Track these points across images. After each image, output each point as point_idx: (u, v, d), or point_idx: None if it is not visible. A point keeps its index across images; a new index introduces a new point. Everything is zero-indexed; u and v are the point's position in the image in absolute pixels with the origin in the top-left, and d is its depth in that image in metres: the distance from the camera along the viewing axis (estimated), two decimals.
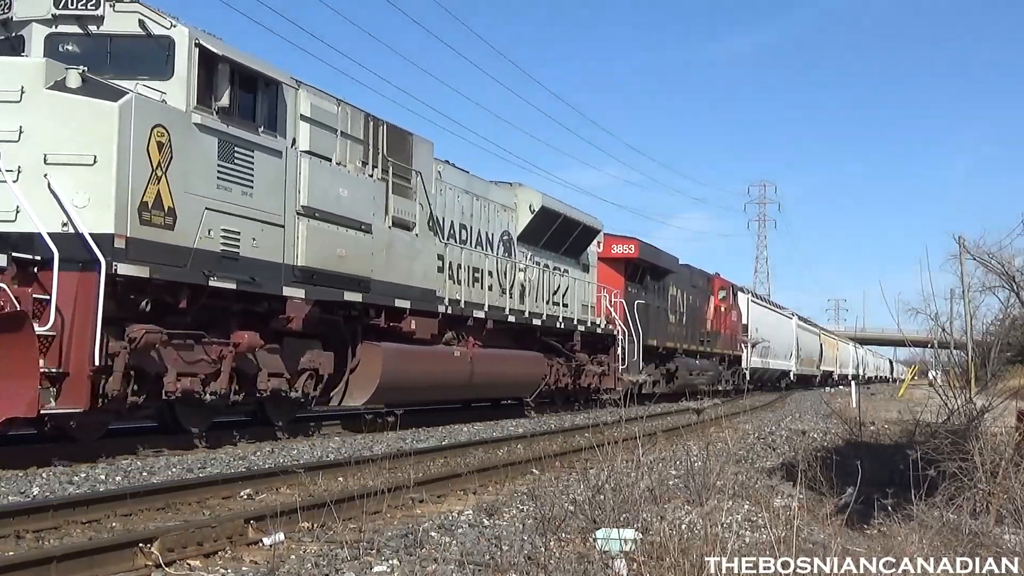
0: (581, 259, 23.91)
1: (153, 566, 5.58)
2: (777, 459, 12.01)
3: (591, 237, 24.06)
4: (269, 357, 12.92)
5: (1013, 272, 39.03)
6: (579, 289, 23.40)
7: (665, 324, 30.18)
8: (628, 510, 6.58)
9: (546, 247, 21.69)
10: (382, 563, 5.70)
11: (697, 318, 34.46)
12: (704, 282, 36.33)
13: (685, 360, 31.54)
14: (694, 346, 33.38)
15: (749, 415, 21.15)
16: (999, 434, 8.97)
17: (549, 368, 21.28)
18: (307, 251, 13.08)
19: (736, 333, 40.23)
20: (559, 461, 11.16)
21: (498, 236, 19.60)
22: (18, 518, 6.54)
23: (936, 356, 23.48)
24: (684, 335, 32.34)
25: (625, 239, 26.90)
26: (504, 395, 21.36)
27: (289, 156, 12.89)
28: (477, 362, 17.71)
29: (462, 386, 17.87)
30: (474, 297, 18.05)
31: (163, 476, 9.31)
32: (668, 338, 30.11)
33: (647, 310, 27.52)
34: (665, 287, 30.56)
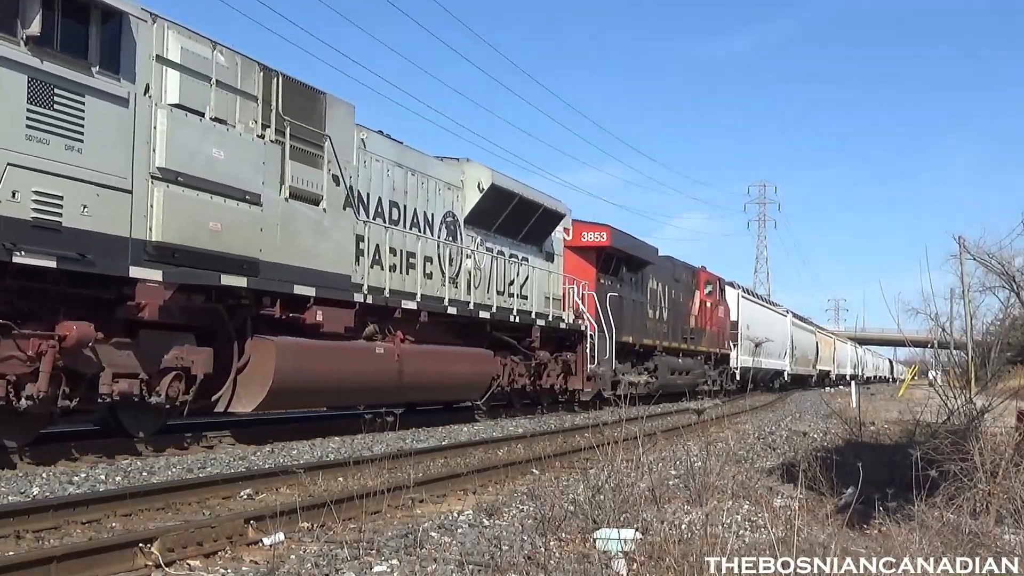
0: (544, 247, 21.65)
1: (153, 566, 5.58)
2: (777, 459, 12.01)
3: (554, 222, 21.71)
4: (116, 353, 10.54)
5: (1013, 272, 39.09)
6: (541, 280, 21.11)
7: (643, 320, 28.06)
8: (628, 510, 6.58)
9: (501, 232, 19.42)
10: (382, 563, 5.70)
11: (680, 314, 32.25)
12: (688, 276, 34.12)
13: (666, 359, 29.32)
14: (676, 343, 31.13)
15: (749, 415, 21.16)
16: (999, 434, 8.97)
17: (502, 367, 19.18)
18: (165, 223, 10.69)
19: (724, 330, 38.07)
20: (559, 461, 11.15)
21: (440, 217, 17.30)
22: (18, 518, 6.54)
23: (936, 356, 23.46)
24: (665, 332, 30.11)
25: (596, 226, 24.48)
26: (445, 398, 18.75)
27: (140, 106, 10.55)
28: (407, 360, 15.41)
29: (388, 388, 15.42)
30: (406, 285, 15.87)
31: (163, 476, 9.31)
32: (647, 335, 28.02)
33: (622, 304, 25.50)
34: (644, 280, 28.37)
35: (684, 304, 32.87)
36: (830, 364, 69.02)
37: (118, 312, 10.68)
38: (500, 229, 19.38)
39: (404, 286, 15.82)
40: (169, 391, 11.27)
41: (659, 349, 28.82)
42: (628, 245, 26.26)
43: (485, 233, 18.86)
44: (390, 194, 15.83)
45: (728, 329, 38.58)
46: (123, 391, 10.54)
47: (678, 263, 33.21)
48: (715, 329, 36.43)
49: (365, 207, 15.07)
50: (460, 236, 18.02)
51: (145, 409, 11.20)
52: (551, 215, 21.28)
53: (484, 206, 18.50)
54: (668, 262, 31.72)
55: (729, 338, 38.54)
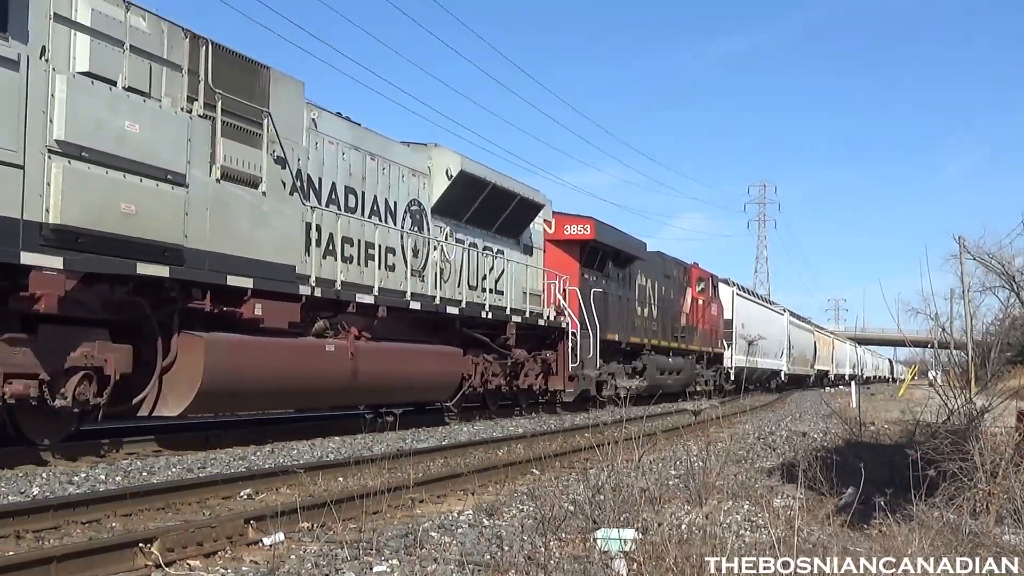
0: (522, 239, 20.52)
1: (153, 566, 5.58)
2: (777, 459, 12.01)
3: (532, 213, 20.54)
4: (9, 351, 9.41)
5: (1013, 272, 39.08)
6: (518, 274, 19.95)
7: (631, 317, 26.66)
8: (628, 510, 6.58)
9: (473, 223, 18.26)
10: (382, 563, 5.70)
11: (671, 311, 30.91)
12: (680, 272, 32.71)
13: (655, 358, 28.02)
14: (667, 342, 29.81)
15: (749, 415, 21.16)
16: (999, 434, 8.96)
17: (473, 367, 18.12)
18: (65, 204, 9.47)
19: (717, 329, 36.74)
20: (559, 461, 11.15)
21: (404, 206, 16.10)
22: (18, 518, 6.54)
23: (936, 356, 23.45)
24: (655, 330, 28.83)
25: (579, 218, 23.24)
26: (408, 399, 16.86)
27: (34, 70, 9.40)
28: (363, 359, 14.22)
29: (340, 389, 14.24)
30: (364, 278, 14.70)
31: (163, 476, 9.31)
32: (634, 332, 26.68)
33: (607, 300, 24.30)
34: (631, 276, 26.99)
35: (675, 301, 31.64)
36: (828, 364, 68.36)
37: (9, 304, 9.45)
38: (473, 220, 18.24)
39: (362, 279, 14.67)
40: (76, 393, 10.02)
41: (647, 348, 27.56)
42: (614, 239, 25.07)
43: (455, 224, 17.74)
44: (346, 179, 14.56)
45: (721, 327, 37.32)
46: (18, 393, 9.38)
47: (669, 259, 32.07)
48: (708, 327, 35.09)
49: (316, 192, 13.82)
50: (427, 226, 16.83)
51: (50, 414, 10.03)
52: (528, 205, 20.11)
53: (453, 194, 17.33)
54: (658, 258, 30.67)
55: (723, 337, 37.27)
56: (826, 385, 61.01)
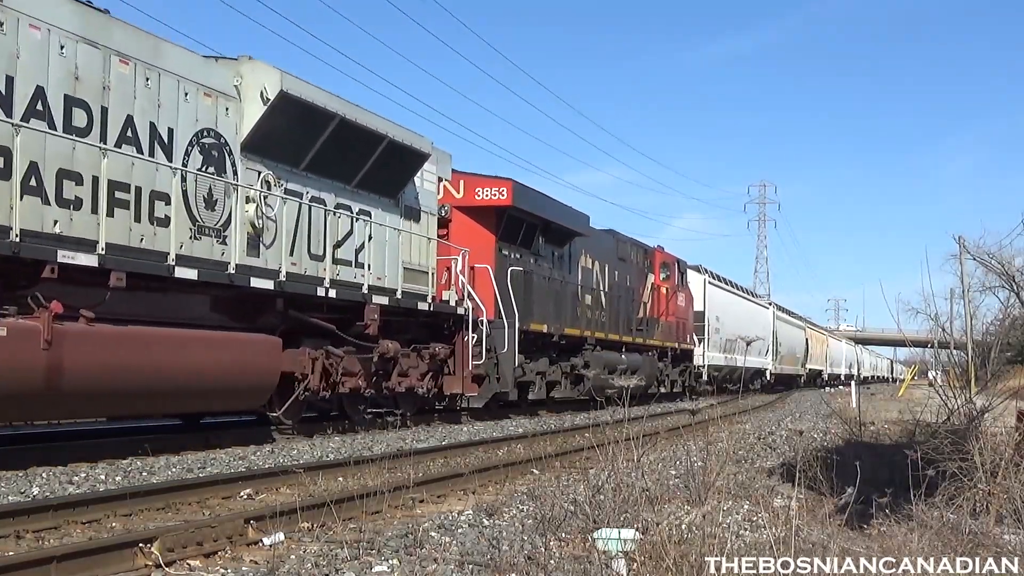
0: (403, 200, 16.04)
1: (153, 566, 5.58)
2: (777, 459, 12.01)
3: (412, 165, 15.92)
4: None
5: (1013, 272, 39.06)
6: (394, 244, 15.64)
7: (569, 305, 22.64)
8: (628, 510, 6.58)
9: (318, 171, 13.83)
10: (382, 563, 5.70)
11: (626, 300, 26.74)
12: (639, 255, 28.52)
13: (601, 355, 24.02)
14: (618, 335, 25.83)
15: (749, 415, 21.17)
16: (999, 434, 8.97)
17: (311, 362, 13.64)
18: None
19: (686, 322, 32.41)
20: (559, 461, 11.16)
21: (189, 135, 11.73)
22: (18, 518, 6.55)
23: (936, 356, 23.44)
24: (603, 321, 24.83)
25: (494, 180, 19.21)
26: (181, 408, 12.81)
27: None
28: (76, 349, 9.79)
29: (26, 395, 9.48)
30: (87, 230, 10.22)
31: (163, 476, 9.32)
32: (573, 323, 22.74)
33: (531, 283, 20.24)
34: (571, 256, 23.13)
35: (632, 289, 27.52)
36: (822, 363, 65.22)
37: None
38: (317, 167, 13.81)
39: (98, 233, 10.28)
40: None
41: (591, 341, 23.68)
42: (544, 209, 20.88)
43: (288, 170, 13.39)
44: (69, 86, 10.18)
45: (691, 320, 33.28)
46: None
47: (625, 240, 27.75)
48: (674, 320, 30.74)
49: (7, 101, 9.56)
50: (232, 169, 12.50)
51: None
52: (405, 153, 15.43)
53: (276, 127, 12.89)
54: (609, 237, 26.49)
55: (692, 331, 33.29)
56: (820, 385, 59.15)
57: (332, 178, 14.36)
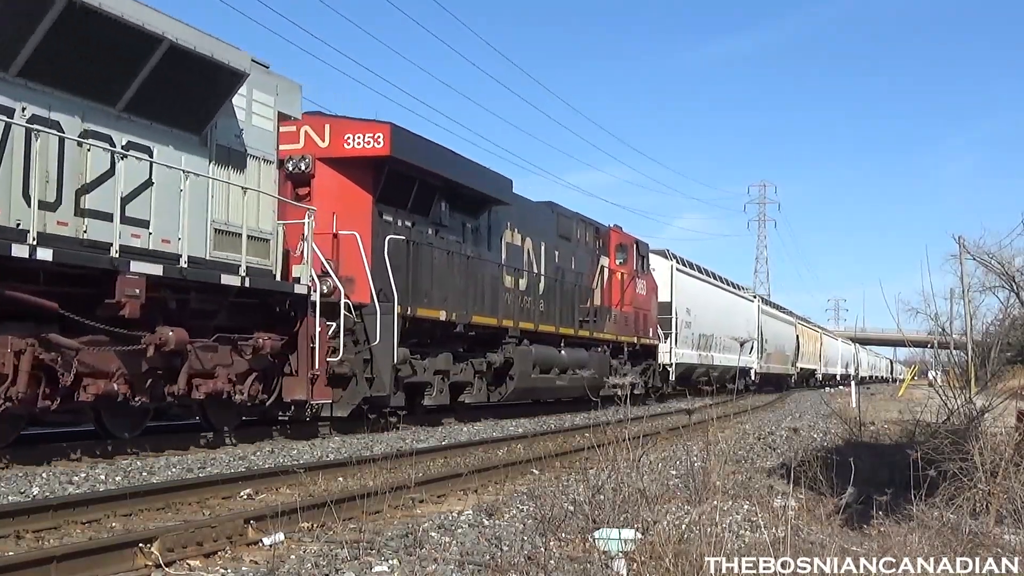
0: (212, 136, 11.79)
1: (153, 566, 5.58)
2: (777, 459, 12.01)
3: (219, 87, 11.53)
4: None
5: (1013, 272, 39.09)
6: (200, 195, 11.46)
7: (487, 288, 18.23)
8: (628, 510, 6.58)
9: (46, 78, 9.64)
10: (382, 563, 5.70)
11: (570, 286, 22.56)
12: (588, 235, 24.31)
13: (531, 350, 19.57)
14: (555, 327, 21.35)
15: (749, 415, 21.17)
16: (999, 434, 8.97)
17: (14, 357, 9.33)
18: None
19: (648, 313, 27.98)
20: (559, 461, 11.16)
21: None
22: (18, 518, 6.54)
23: (936, 356, 23.46)
24: (539, 310, 20.63)
25: (367, 123, 15.00)
26: None
27: None
28: None
29: None
30: None
31: (163, 476, 9.32)
32: (492, 310, 18.32)
33: (421, 257, 15.96)
34: (492, 229, 18.91)
35: (580, 273, 23.42)
36: (815, 362, 61.78)
37: None
38: (46, 72, 9.63)
39: None
40: None
41: (514, 333, 19.11)
42: (444, 165, 16.52)
43: None
44: None
45: (655, 312, 28.86)
46: None
47: (569, 215, 23.37)
48: (632, 311, 26.45)
49: None
50: None
51: None
52: (204, 69, 11.19)
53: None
54: (548, 211, 22.22)
55: (656, 324, 28.84)
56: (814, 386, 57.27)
57: (77, 93, 10.06)
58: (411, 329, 15.54)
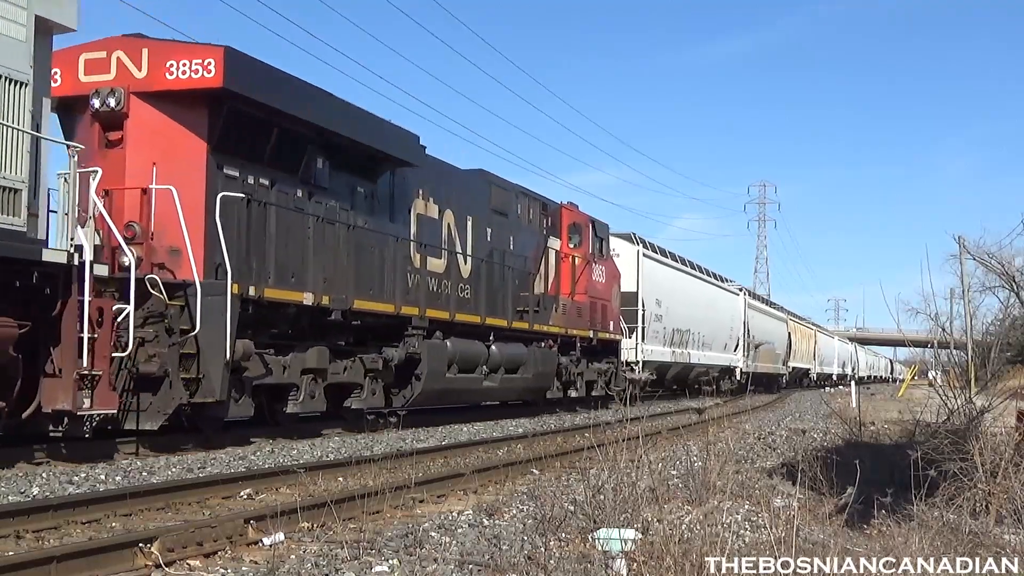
0: None
1: (153, 566, 5.58)
2: (777, 459, 12.02)
3: None
4: None
5: (1013, 272, 39.10)
6: None
7: (388, 268, 14.95)
8: (628, 510, 6.58)
9: None
10: (382, 563, 5.70)
11: (507, 269, 18.97)
12: (533, 212, 20.91)
13: (447, 346, 16.39)
14: (479, 317, 17.78)
15: (749, 415, 21.18)
16: (999, 434, 8.98)
17: None
18: None
19: (608, 304, 24.34)
20: (559, 461, 11.16)
21: None
22: (18, 518, 6.54)
23: (936, 356, 23.47)
24: (458, 297, 17.12)
25: (196, 47, 11.64)
26: None
27: None
28: None
29: None
30: None
31: (163, 476, 9.32)
32: (394, 296, 15.03)
33: (271, 221, 12.48)
34: (397, 196, 15.55)
35: (521, 256, 19.91)
36: (809, 361, 58.64)
37: None
38: None
39: None
40: None
41: (419, 324, 15.57)
42: (317, 111, 13.02)
43: None
44: None
45: (616, 303, 25.19)
46: None
47: (506, 187, 19.79)
48: (586, 300, 22.93)
49: None
50: None
51: None
52: None
53: None
54: (480, 181, 18.87)
55: (619, 317, 25.41)
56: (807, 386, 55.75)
57: None
58: (264, 316, 12.44)
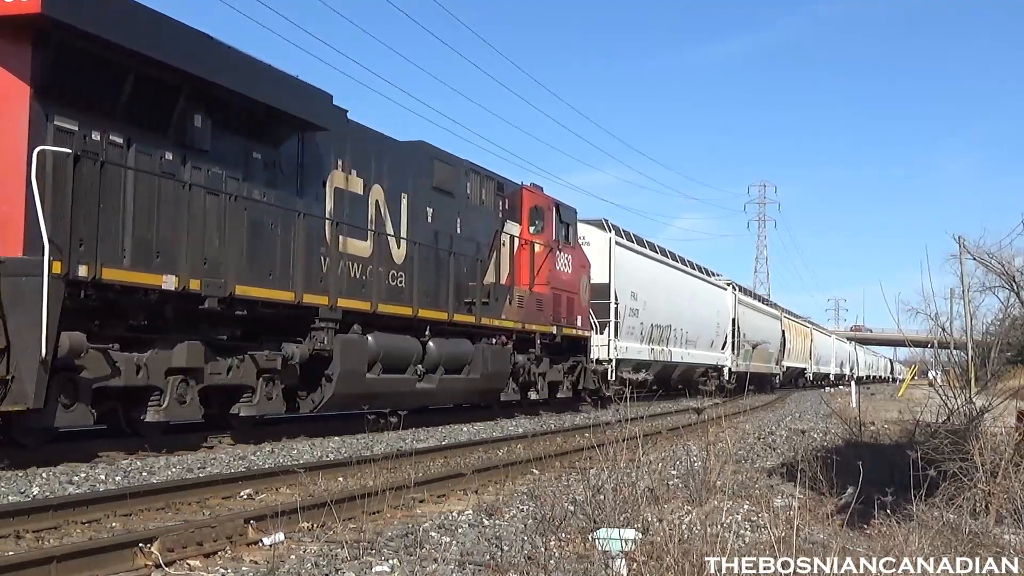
0: None
1: (153, 566, 5.58)
2: (777, 459, 12.02)
3: None
4: None
5: (1013, 272, 39.14)
6: None
7: (293, 249, 12.73)
8: (628, 510, 6.58)
9: None
10: (382, 563, 5.70)
11: (451, 255, 16.68)
12: (486, 192, 18.44)
13: (368, 341, 14.20)
14: (411, 309, 15.34)
15: (749, 415, 21.18)
16: (999, 434, 8.98)
17: None
18: None
19: (574, 297, 22.08)
20: (559, 461, 11.16)
21: None
22: (18, 518, 6.54)
23: (936, 356, 23.46)
24: (388, 285, 14.92)
25: None
26: None
27: None
28: None
29: None
30: None
31: (163, 476, 9.31)
32: (299, 283, 12.75)
33: (113, 183, 10.06)
34: (309, 167, 13.29)
35: (471, 241, 17.68)
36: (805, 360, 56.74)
37: None
38: None
39: None
40: None
41: (329, 315, 13.29)
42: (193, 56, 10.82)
43: None
44: None
45: (586, 295, 22.93)
46: None
47: (454, 162, 17.44)
48: (549, 292, 20.52)
49: None
50: None
51: None
52: None
53: None
54: (419, 153, 16.37)
55: (589, 311, 23.22)
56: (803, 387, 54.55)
57: None
58: (114, 304, 10.36)
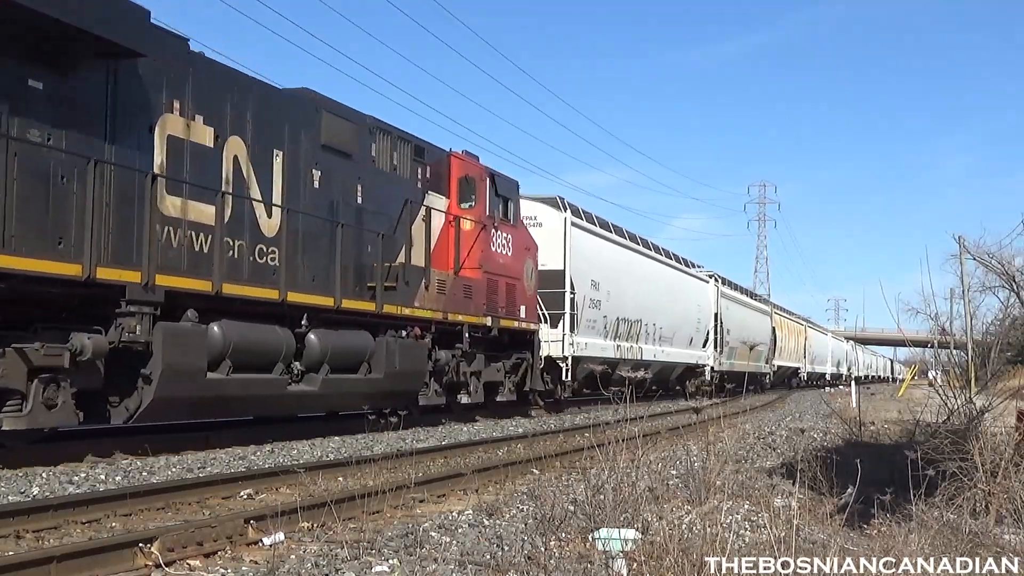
0: None
1: (153, 566, 5.58)
2: (777, 459, 12.01)
3: None
4: None
5: (1013, 272, 39.12)
6: None
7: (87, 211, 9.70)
8: (628, 510, 6.58)
9: None
10: (382, 563, 5.70)
11: (350, 229, 14.11)
12: (400, 156, 15.72)
13: (211, 332, 11.56)
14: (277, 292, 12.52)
15: (749, 415, 21.18)
16: (999, 434, 8.97)
17: None
18: None
19: (516, 284, 19.25)
20: (559, 461, 11.16)
21: None
22: (18, 518, 6.54)
23: (936, 356, 23.43)
24: (257, 263, 12.38)
25: None
26: None
27: None
28: None
29: None
30: None
31: (163, 476, 9.31)
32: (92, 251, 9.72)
33: None
34: (124, 105, 10.39)
35: (377, 213, 14.96)
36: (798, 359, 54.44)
37: None
38: None
39: None
40: None
41: (139, 297, 10.40)
42: None
43: None
44: None
45: (532, 282, 20.20)
46: None
47: (352, 116, 14.68)
48: (482, 277, 17.88)
49: None
50: None
51: None
52: None
53: None
54: (302, 103, 13.64)
55: (536, 300, 20.60)
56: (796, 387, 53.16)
57: None
58: None
